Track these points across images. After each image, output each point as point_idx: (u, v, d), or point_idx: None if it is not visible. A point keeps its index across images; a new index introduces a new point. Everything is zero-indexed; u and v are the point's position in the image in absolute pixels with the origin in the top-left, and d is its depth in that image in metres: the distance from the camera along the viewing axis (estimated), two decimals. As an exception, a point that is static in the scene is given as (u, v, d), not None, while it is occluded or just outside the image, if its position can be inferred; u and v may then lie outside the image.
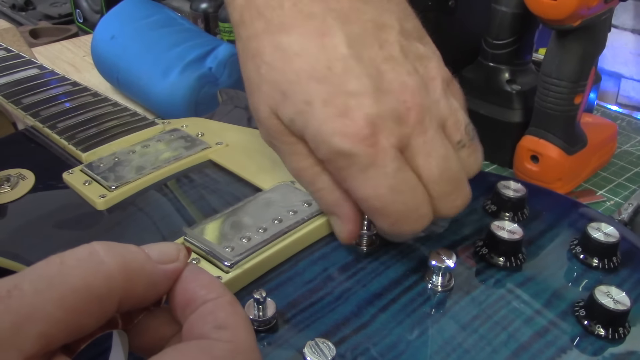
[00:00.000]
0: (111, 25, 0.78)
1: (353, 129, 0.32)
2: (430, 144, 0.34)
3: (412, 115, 0.34)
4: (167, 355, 0.23)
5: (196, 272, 0.26)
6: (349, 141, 0.32)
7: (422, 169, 0.34)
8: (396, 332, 0.34)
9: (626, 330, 0.35)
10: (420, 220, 0.35)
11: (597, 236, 0.39)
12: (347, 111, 0.33)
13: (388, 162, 0.33)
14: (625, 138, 0.73)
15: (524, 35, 0.61)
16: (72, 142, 0.49)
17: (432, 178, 0.34)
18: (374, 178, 0.33)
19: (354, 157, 0.33)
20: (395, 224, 0.35)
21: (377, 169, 0.33)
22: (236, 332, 0.24)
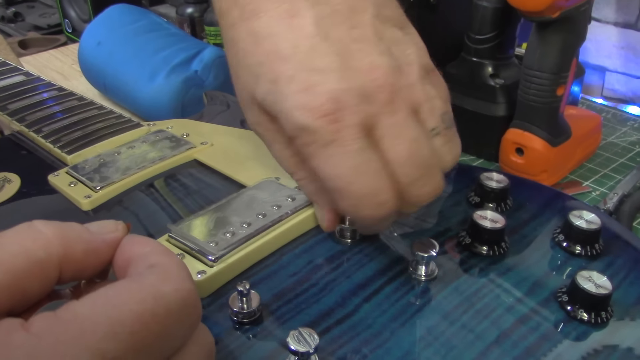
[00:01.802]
0: (97, 32, 0.78)
1: (315, 103, 0.32)
2: (400, 126, 0.33)
3: (381, 94, 0.33)
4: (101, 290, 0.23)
5: (134, 237, 0.28)
6: (310, 116, 0.32)
7: (389, 151, 0.33)
8: (380, 321, 0.34)
9: (609, 315, 0.35)
10: (381, 207, 0.33)
11: (579, 224, 0.40)
12: (311, 86, 0.32)
13: (350, 140, 0.32)
14: (610, 130, 0.73)
15: (505, 30, 0.62)
16: (58, 145, 0.50)
17: (399, 161, 0.33)
18: (335, 156, 0.32)
19: (315, 133, 0.32)
20: (355, 207, 0.34)
21: (339, 147, 0.32)
22: (167, 267, 0.25)
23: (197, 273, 0.35)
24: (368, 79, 0.33)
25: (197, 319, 0.26)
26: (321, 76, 0.32)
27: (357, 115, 0.32)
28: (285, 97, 0.33)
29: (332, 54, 0.33)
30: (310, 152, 0.33)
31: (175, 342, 0.24)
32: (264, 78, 0.34)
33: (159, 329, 0.23)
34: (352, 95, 0.32)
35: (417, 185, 0.34)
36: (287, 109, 0.33)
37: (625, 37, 0.81)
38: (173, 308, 0.23)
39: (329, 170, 0.33)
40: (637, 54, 0.81)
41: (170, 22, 0.83)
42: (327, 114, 0.32)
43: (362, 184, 0.33)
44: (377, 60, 0.33)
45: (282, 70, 0.33)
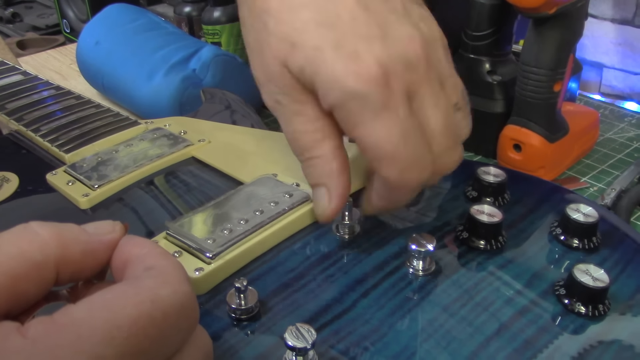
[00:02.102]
0: (95, 31, 0.78)
1: (366, 70, 0.33)
2: (436, 96, 0.35)
3: (422, 63, 0.34)
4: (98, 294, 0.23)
5: (131, 238, 0.28)
6: (362, 82, 0.33)
7: (429, 119, 0.35)
8: (377, 316, 0.34)
9: (606, 308, 0.35)
10: (425, 170, 0.35)
11: (576, 217, 0.40)
12: (359, 54, 0.33)
13: (400, 105, 0.33)
14: (608, 126, 0.73)
15: (502, 26, 0.62)
16: (56, 144, 0.50)
17: (438, 129, 0.35)
18: (387, 120, 0.33)
19: (366, 99, 0.33)
20: (404, 171, 0.34)
21: (390, 111, 0.33)
22: (164, 269, 0.25)
23: (195, 270, 0.35)
24: (409, 48, 0.34)
25: (195, 322, 0.26)
26: (367, 44, 0.33)
27: (403, 82, 0.33)
28: (332, 64, 0.33)
29: (373, 23, 0.34)
30: (358, 120, 0.34)
31: (172, 345, 0.24)
32: (305, 45, 0.34)
33: (156, 332, 0.23)
34: (398, 63, 0.33)
35: (447, 154, 0.36)
36: (335, 75, 0.33)
37: (622, 34, 0.81)
38: (170, 311, 0.23)
39: (382, 134, 0.34)
40: (635, 50, 0.81)
41: (168, 21, 0.83)
42: (378, 80, 0.33)
43: (411, 148, 0.34)
44: (412, 32, 0.34)
45: (327, 38, 0.34)
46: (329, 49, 0.33)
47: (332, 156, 0.37)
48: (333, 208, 0.38)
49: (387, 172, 0.35)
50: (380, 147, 0.34)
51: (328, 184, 0.38)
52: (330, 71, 0.33)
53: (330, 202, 0.38)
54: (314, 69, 0.34)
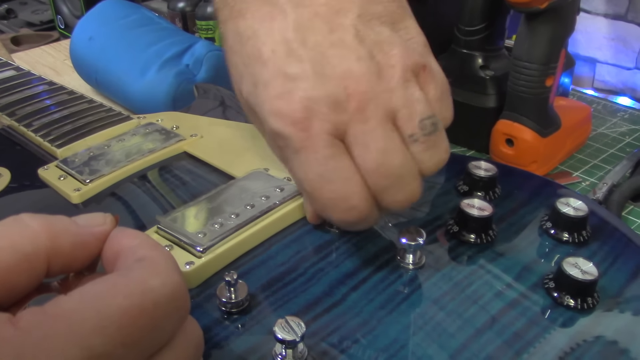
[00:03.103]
0: (89, 26, 0.78)
1: (287, 110, 0.33)
2: (370, 135, 0.33)
3: (351, 103, 0.32)
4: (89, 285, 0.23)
5: (122, 229, 0.28)
6: (282, 122, 0.33)
7: (358, 159, 0.33)
8: (367, 309, 0.34)
9: (595, 301, 0.35)
10: (351, 211, 0.34)
11: (566, 211, 0.40)
12: (284, 93, 0.33)
13: (319, 148, 0.32)
14: (600, 121, 0.74)
15: (495, 21, 0.62)
16: (48, 139, 0.50)
17: (368, 170, 0.33)
18: (305, 162, 0.33)
19: (287, 139, 0.33)
20: (324, 210, 0.35)
21: (308, 153, 0.33)
22: (155, 260, 0.25)
23: (186, 264, 0.36)
24: (340, 87, 0.32)
25: (186, 312, 0.26)
26: (294, 83, 0.33)
27: (327, 123, 0.32)
28: (262, 102, 0.34)
29: (307, 60, 0.33)
30: (284, 155, 0.35)
31: (163, 336, 0.24)
32: (246, 79, 0.35)
33: (147, 323, 0.23)
34: (323, 104, 0.32)
35: (388, 193, 0.34)
36: (264, 113, 0.34)
37: (615, 29, 0.81)
38: (161, 302, 0.24)
39: (300, 174, 0.34)
40: (627, 45, 0.81)
41: (162, 16, 0.83)
42: (298, 121, 0.32)
43: (330, 190, 0.33)
44: (352, 66, 0.33)
45: (261, 75, 0.34)
46: (261, 86, 0.34)
47: None
48: (310, 214, 0.40)
49: (315, 208, 0.36)
50: (301, 184, 0.35)
51: (302, 193, 0.40)
52: (260, 107, 0.34)
53: (309, 209, 0.40)
54: (253, 103, 0.35)
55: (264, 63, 0.34)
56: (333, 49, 0.33)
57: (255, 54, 0.34)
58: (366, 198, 0.33)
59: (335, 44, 0.33)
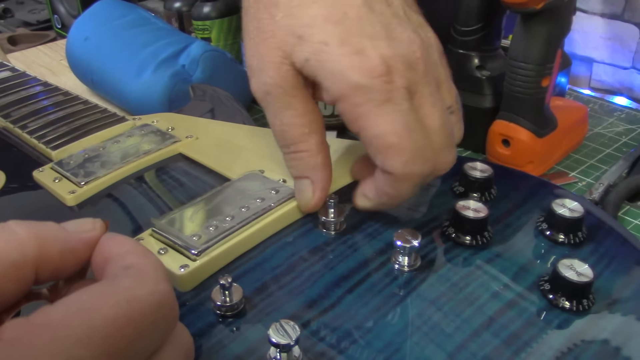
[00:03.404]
0: (84, 27, 0.78)
1: (370, 64, 0.34)
2: (435, 96, 0.36)
3: (421, 65, 0.36)
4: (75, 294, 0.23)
5: (112, 235, 0.27)
6: (368, 75, 0.34)
7: (427, 117, 0.36)
8: (362, 312, 0.34)
9: (591, 302, 0.35)
10: (428, 162, 0.36)
11: (562, 212, 0.40)
12: (364, 50, 0.34)
13: (403, 99, 0.35)
14: (597, 121, 0.74)
15: (491, 21, 0.62)
16: (43, 141, 0.50)
17: (435, 128, 0.36)
18: (391, 113, 0.35)
19: (371, 92, 0.34)
20: (408, 162, 0.35)
21: (394, 104, 0.35)
22: (143, 268, 0.25)
23: (180, 267, 0.35)
24: (410, 50, 0.35)
25: (174, 321, 0.26)
26: (371, 42, 0.35)
27: (405, 79, 0.35)
28: (338, 58, 0.35)
29: (378, 24, 0.35)
30: (362, 112, 0.35)
31: (151, 345, 0.24)
32: (312, 39, 0.35)
33: (134, 333, 0.23)
34: (400, 62, 0.35)
35: (444, 153, 0.37)
36: (340, 69, 0.35)
37: (611, 28, 0.81)
38: (148, 311, 0.23)
39: (386, 126, 0.35)
40: (624, 45, 0.81)
41: (158, 16, 0.83)
42: (382, 74, 0.34)
43: (414, 140, 0.35)
44: (412, 36, 0.36)
45: (334, 33, 0.35)
46: (335, 44, 0.35)
47: (317, 150, 0.39)
48: (317, 199, 0.40)
49: (392, 164, 0.36)
50: (384, 138, 0.35)
51: (313, 176, 0.40)
52: (336, 65, 0.35)
53: (315, 194, 0.40)
54: (319, 62, 0.35)
55: (336, 23, 0.35)
56: (394, 19, 0.36)
57: (325, 15, 0.35)
58: (434, 151, 0.37)
59: (394, 15, 0.37)
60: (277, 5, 0.37)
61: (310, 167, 0.39)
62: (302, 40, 0.36)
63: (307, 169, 0.40)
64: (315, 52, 0.35)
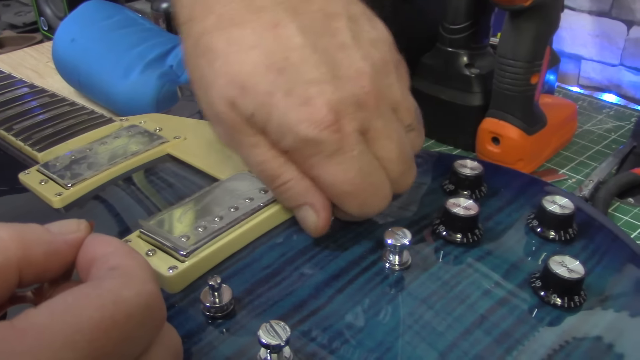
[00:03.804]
0: (71, 28, 0.77)
1: (318, 116, 0.33)
2: (389, 126, 0.35)
3: (370, 100, 0.34)
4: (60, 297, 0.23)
5: (97, 236, 0.27)
6: (315, 128, 0.33)
7: (382, 151, 0.35)
8: (353, 311, 0.34)
9: (582, 299, 0.35)
10: (385, 199, 0.37)
11: (552, 209, 0.40)
12: (310, 99, 0.33)
13: (354, 146, 0.34)
14: (586, 118, 0.74)
15: (480, 19, 0.62)
16: (29, 142, 0.49)
17: (392, 159, 0.36)
18: (343, 163, 0.34)
19: (321, 144, 0.33)
20: (364, 205, 0.36)
21: (345, 153, 0.34)
22: (129, 269, 0.24)
23: (169, 268, 0.35)
24: (358, 87, 0.34)
25: (161, 322, 0.25)
26: (317, 88, 0.33)
27: (355, 122, 0.34)
28: (284, 111, 0.33)
29: (322, 64, 0.34)
30: (314, 163, 0.35)
31: (138, 347, 0.24)
32: (256, 90, 0.34)
33: (120, 335, 0.22)
34: (348, 104, 0.34)
35: (404, 178, 0.38)
36: (287, 122, 0.33)
37: (599, 26, 0.81)
38: (134, 313, 0.23)
39: (339, 176, 0.35)
40: (612, 42, 0.81)
41: (146, 17, 0.82)
42: (330, 124, 0.33)
43: (369, 184, 0.35)
44: (361, 66, 0.35)
45: (277, 83, 0.33)
46: (280, 95, 0.33)
47: (301, 175, 0.37)
48: (323, 220, 0.38)
49: (348, 208, 0.37)
50: (338, 188, 0.35)
51: (309, 200, 0.38)
52: (282, 118, 0.34)
53: (319, 216, 0.37)
54: (266, 114, 0.34)
55: (279, 71, 0.34)
56: (340, 52, 0.35)
57: (265, 63, 0.34)
58: (390, 185, 0.37)
59: (340, 47, 0.35)
60: (215, 51, 0.35)
61: (303, 192, 0.37)
62: (246, 91, 0.34)
63: (301, 196, 0.38)
64: (261, 104, 0.34)
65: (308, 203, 0.38)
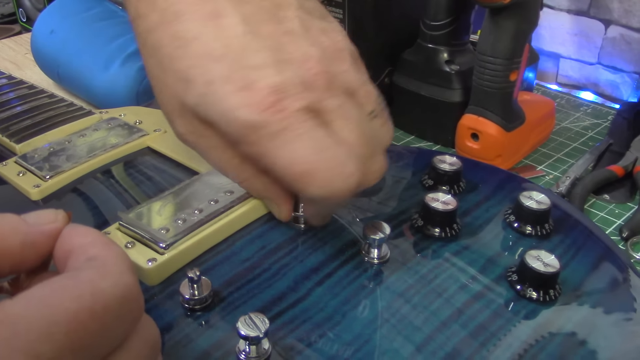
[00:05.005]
0: (50, 19, 0.76)
1: (256, 98, 0.31)
2: (346, 107, 0.33)
3: (319, 81, 0.33)
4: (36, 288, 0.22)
5: (75, 227, 0.26)
6: (254, 110, 0.31)
7: (341, 132, 0.33)
8: (332, 304, 0.34)
9: (557, 293, 0.36)
10: (350, 179, 0.33)
11: (528, 204, 0.40)
12: (249, 84, 0.32)
13: (300, 123, 0.32)
14: (564, 115, 0.75)
15: (460, 16, 0.62)
16: (6, 134, 0.49)
17: (352, 140, 0.33)
18: (291, 142, 0.32)
19: (262, 127, 0.32)
20: (325, 184, 0.32)
21: (292, 132, 0.32)
22: (106, 260, 0.24)
23: (148, 261, 0.35)
24: (304, 69, 0.33)
25: (139, 313, 0.25)
26: (258, 72, 0.32)
27: (302, 100, 0.32)
28: (223, 98, 0.32)
29: (264, 49, 0.32)
30: (261, 150, 0.33)
31: (115, 338, 0.24)
32: (197, 81, 0.33)
33: (97, 326, 0.22)
34: (292, 85, 0.32)
35: (370, 162, 0.34)
36: (227, 109, 0.32)
37: (578, 24, 0.82)
38: (112, 304, 0.23)
39: (288, 157, 0.32)
40: (590, 41, 0.82)
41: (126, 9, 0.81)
42: (270, 105, 0.31)
43: (326, 159, 0.32)
44: (309, 51, 0.33)
45: (216, 71, 0.32)
46: (219, 82, 0.32)
47: (257, 174, 0.37)
48: (285, 212, 0.40)
49: (311, 190, 0.33)
50: (292, 169, 0.32)
51: (269, 195, 0.39)
52: (223, 106, 0.32)
53: (281, 208, 0.39)
54: (208, 104, 0.33)
55: (217, 59, 0.32)
56: (286, 37, 0.33)
57: (205, 52, 0.33)
58: (358, 164, 0.33)
59: (287, 33, 0.33)
60: (161, 48, 0.34)
61: (261, 189, 0.38)
62: (189, 84, 0.33)
63: (261, 192, 0.38)
64: (202, 94, 0.33)
65: (268, 197, 0.39)
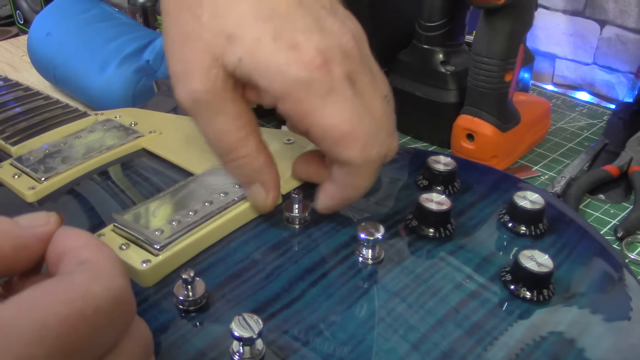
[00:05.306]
0: (47, 22, 0.77)
1: (307, 57, 0.33)
2: (374, 84, 0.36)
3: (356, 54, 0.35)
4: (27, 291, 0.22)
5: (67, 229, 0.27)
6: (306, 68, 0.33)
7: (371, 103, 0.35)
8: (326, 305, 0.34)
9: (551, 292, 0.36)
10: (383, 144, 0.36)
11: (523, 204, 0.40)
12: (298, 44, 0.33)
13: (346, 88, 0.34)
14: (560, 115, 0.75)
15: (455, 17, 0.63)
16: (2, 136, 0.49)
17: (380, 113, 0.36)
18: (337, 103, 0.34)
19: (313, 85, 0.33)
20: (366, 147, 0.35)
21: (338, 94, 0.34)
22: (98, 263, 0.24)
23: (142, 262, 0.35)
24: (343, 40, 0.35)
25: (131, 316, 0.25)
26: (305, 35, 0.34)
27: (344, 68, 0.34)
28: (273, 54, 0.33)
29: (308, 16, 0.35)
30: (307, 107, 0.34)
31: (107, 341, 0.24)
32: (244, 37, 0.34)
33: (89, 330, 0.22)
34: (336, 52, 0.34)
35: (391, 138, 0.37)
36: (277, 65, 0.33)
37: (573, 25, 0.82)
38: (103, 308, 0.23)
39: (335, 116, 0.34)
40: (585, 41, 0.82)
41: (122, 11, 0.81)
42: (320, 65, 0.33)
43: (366, 123, 0.35)
44: (343, 26, 0.35)
45: (266, 30, 0.34)
46: (268, 41, 0.33)
47: (257, 152, 0.37)
48: (272, 200, 0.39)
49: (349, 153, 0.35)
50: (337, 129, 0.34)
51: (260, 179, 0.38)
52: (272, 62, 0.33)
53: (268, 194, 0.39)
54: (254, 61, 0.34)
55: (266, 19, 0.34)
56: (323, 11, 0.36)
57: (253, 12, 0.34)
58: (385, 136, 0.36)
59: (323, 7, 0.36)
60: (202, 5, 0.35)
61: (256, 170, 0.38)
62: (233, 40, 0.34)
63: (253, 174, 0.38)
64: (249, 51, 0.34)
65: (260, 181, 0.39)
